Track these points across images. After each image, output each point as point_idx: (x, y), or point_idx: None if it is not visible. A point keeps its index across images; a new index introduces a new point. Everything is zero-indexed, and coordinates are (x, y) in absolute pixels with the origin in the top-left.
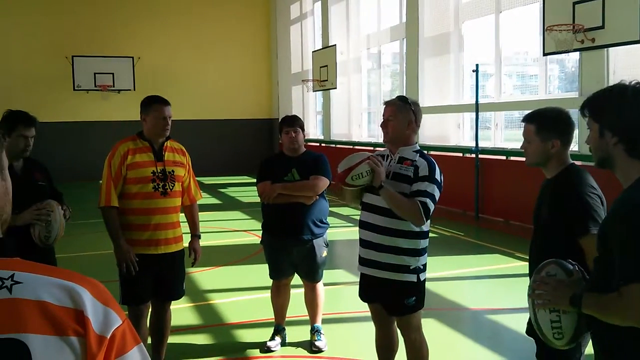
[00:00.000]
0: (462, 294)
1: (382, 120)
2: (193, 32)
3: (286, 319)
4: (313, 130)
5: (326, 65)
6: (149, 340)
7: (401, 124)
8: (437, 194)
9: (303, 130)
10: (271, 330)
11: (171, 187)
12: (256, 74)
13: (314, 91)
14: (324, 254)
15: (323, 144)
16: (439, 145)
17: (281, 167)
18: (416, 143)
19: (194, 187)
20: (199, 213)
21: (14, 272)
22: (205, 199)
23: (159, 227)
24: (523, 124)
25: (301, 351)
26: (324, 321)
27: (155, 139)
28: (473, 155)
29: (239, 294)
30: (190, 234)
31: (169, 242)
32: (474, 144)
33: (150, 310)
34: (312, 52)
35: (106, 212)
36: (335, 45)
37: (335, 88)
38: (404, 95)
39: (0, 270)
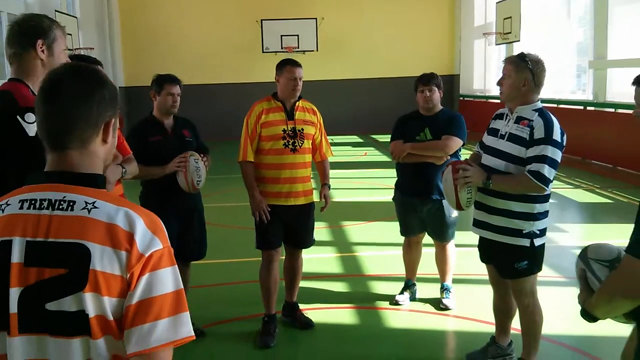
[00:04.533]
0: None
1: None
2: None
3: (418, 276)
4: (496, 87)
5: (510, 17)
6: (282, 283)
7: (516, 82)
8: (557, 156)
9: (440, 88)
10: (402, 284)
11: (300, 144)
12: (439, 29)
13: (496, 44)
14: (454, 214)
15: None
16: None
17: (414, 126)
18: (538, 101)
19: (325, 144)
20: (360, 170)
21: (96, 199)
22: (375, 156)
23: (289, 181)
24: None
25: (429, 307)
26: (456, 281)
27: (286, 99)
28: None
29: (381, 248)
30: (321, 184)
31: (299, 195)
32: None
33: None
34: (496, 3)
35: (243, 166)
36: None
37: (519, 41)
38: (525, 53)
39: (89, 197)
